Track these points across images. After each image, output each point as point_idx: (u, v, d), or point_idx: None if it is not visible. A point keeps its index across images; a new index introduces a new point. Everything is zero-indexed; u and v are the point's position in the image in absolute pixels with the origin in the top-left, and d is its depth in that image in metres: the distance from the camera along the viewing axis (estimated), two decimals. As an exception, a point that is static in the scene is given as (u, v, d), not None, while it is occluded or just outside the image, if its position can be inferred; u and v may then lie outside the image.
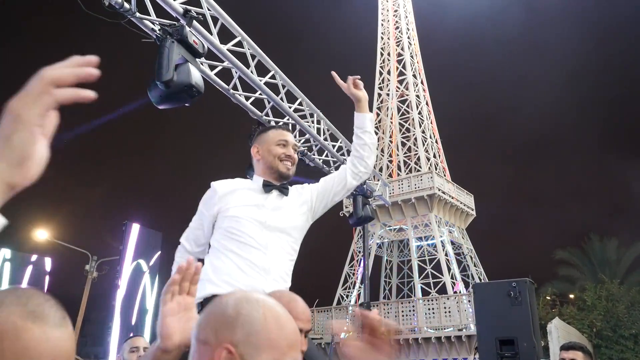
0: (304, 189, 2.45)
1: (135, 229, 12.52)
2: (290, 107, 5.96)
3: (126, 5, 3.72)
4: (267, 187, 2.31)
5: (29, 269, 11.67)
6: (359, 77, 2.56)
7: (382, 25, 33.81)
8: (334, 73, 2.55)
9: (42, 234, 19.26)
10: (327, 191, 2.44)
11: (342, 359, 1.65)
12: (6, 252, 11.45)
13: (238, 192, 2.29)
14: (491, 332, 5.90)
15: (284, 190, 2.33)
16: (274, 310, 0.98)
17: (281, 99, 5.78)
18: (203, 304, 2.09)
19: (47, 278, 12.04)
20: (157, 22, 3.89)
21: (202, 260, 2.31)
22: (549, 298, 21.70)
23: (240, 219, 2.23)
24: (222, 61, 4.96)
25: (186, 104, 3.62)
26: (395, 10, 33.58)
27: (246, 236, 2.19)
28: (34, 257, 12.04)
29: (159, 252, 13.09)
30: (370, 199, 8.36)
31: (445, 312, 21.65)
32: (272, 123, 5.92)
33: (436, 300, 22.43)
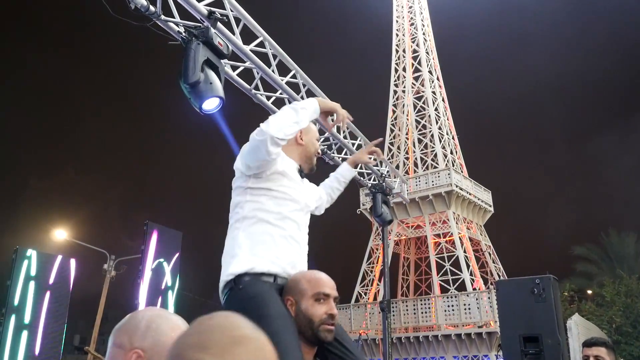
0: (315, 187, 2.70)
1: (155, 228, 12.65)
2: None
3: (152, 8, 3.77)
4: (301, 172, 2.43)
5: (55, 269, 11.88)
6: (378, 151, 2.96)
7: (396, 22, 33.67)
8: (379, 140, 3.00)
9: (61, 233, 19.58)
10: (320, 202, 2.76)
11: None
12: (33, 253, 11.65)
13: (288, 163, 2.34)
14: (515, 329, 5.87)
15: (305, 180, 2.50)
16: (178, 327, 1.22)
17: (302, 97, 5.80)
18: (237, 280, 2.06)
19: (71, 278, 12.23)
20: (182, 24, 3.93)
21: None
22: (567, 294, 21.47)
23: (288, 191, 2.27)
24: (244, 61, 4.99)
25: (213, 110, 3.67)
26: (410, 7, 33.41)
27: (290, 212, 2.24)
28: (59, 258, 12.24)
29: (179, 252, 13.24)
30: (389, 197, 8.35)
31: (465, 309, 21.54)
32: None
33: (455, 297, 22.33)
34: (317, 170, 2.56)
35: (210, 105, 3.58)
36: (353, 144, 7.28)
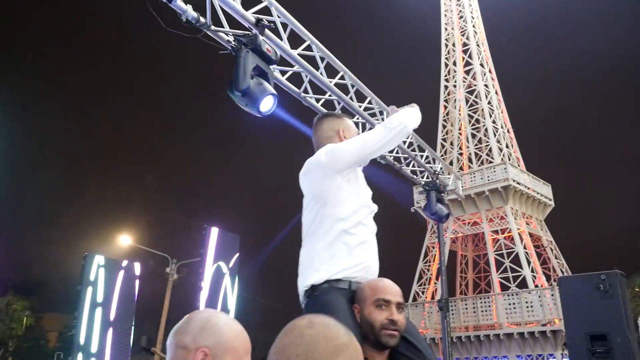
0: None
1: (214, 232, 12.98)
2: (360, 106, 5.98)
3: (202, 19, 3.89)
4: None
5: (121, 273, 12.41)
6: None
7: (445, 15, 33.09)
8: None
9: (125, 239, 20.42)
10: None
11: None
12: (100, 259, 12.22)
13: (359, 173, 2.44)
14: (581, 327, 5.66)
15: None
16: (235, 324, 1.34)
17: (350, 98, 5.82)
18: (314, 289, 2.16)
19: (137, 282, 12.75)
20: (231, 33, 4.03)
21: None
22: (638, 289, 20.43)
23: (361, 198, 2.36)
24: (292, 66, 5.06)
25: (266, 114, 3.74)
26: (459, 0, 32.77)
27: (365, 217, 2.34)
28: (124, 263, 12.78)
29: (237, 254, 13.52)
30: (443, 194, 8.22)
31: (527, 307, 20.91)
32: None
33: (517, 294, 21.72)
34: None
35: (267, 105, 3.65)
36: (404, 142, 7.22)
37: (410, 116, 2.46)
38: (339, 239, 2.21)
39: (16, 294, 34.04)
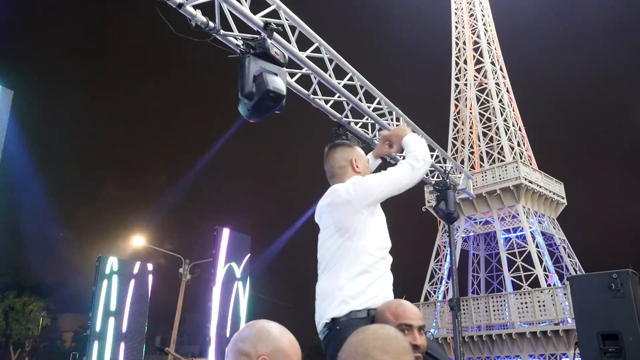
0: None
1: (225, 233, 13.08)
2: (369, 107, 6.01)
3: (211, 24, 3.94)
4: None
5: (134, 273, 12.55)
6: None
7: (455, 13, 32.94)
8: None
9: (139, 240, 20.60)
10: None
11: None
12: (114, 260, 12.37)
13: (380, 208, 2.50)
14: (592, 326, 5.64)
15: None
16: (287, 333, 1.45)
17: (359, 99, 5.85)
18: (335, 321, 2.21)
19: (149, 281, 12.88)
20: (240, 37, 4.08)
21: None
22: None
23: (382, 231, 2.42)
24: (301, 68, 5.10)
25: (276, 111, 3.80)
26: (469, -3, 32.62)
27: (386, 251, 2.41)
28: (137, 264, 12.92)
29: (249, 255, 13.62)
30: (454, 193, 8.22)
31: (540, 306, 20.76)
32: (352, 125, 6.00)
33: (529, 294, 21.58)
34: None
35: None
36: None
37: (425, 148, 2.49)
38: (363, 272, 2.26)
39: (32, 294, 34.45)
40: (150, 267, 12.87)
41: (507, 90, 30.60)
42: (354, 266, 2.26)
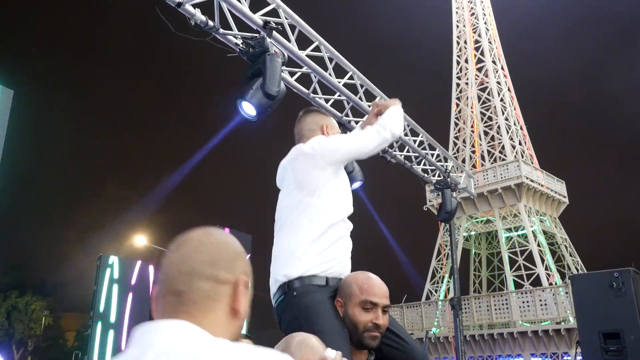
0: None
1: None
2: (369, 106, 6.00)
3: (210, 22, 3.94)
4: None
5: (135, 273, 12.56)
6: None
7: (456, 13, 32.90)
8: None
9: (141, 239, 20.60)
10: None
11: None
12: (114, 259, 12.38)
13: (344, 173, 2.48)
14: (594, 325, 5.63)
15: None
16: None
17: (360, 98, 5.84)
18: (291, 285, 2.11)
19: (151, 282, 12.89)
20: (240, 36, 4.08)
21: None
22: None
23: (347, 196, 2.39)
24: (301, 67, 5.09)
25: (269, 110, 3.81)
26: (470, -4, 32.57)
27: (346, 213, 2.36)
28: (138, 263, 12.93)
29: (249, 255, 13.62)
30: (454, 192, 8.21)
31: (541, 305, 20.74)
32: (352, 124, 6.00)
33: (530, 292, 21.55)
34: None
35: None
36: (414, 141, 7.23)
37: (399, 119, 2.48)
38: (322, 231, 2.17)
39: (35, 294, 34.52)
40: (151, 268, 12.86)
41: (509, 89, 30.57)
42: (312, 224, 2.17)
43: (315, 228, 2.17)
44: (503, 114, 29.06)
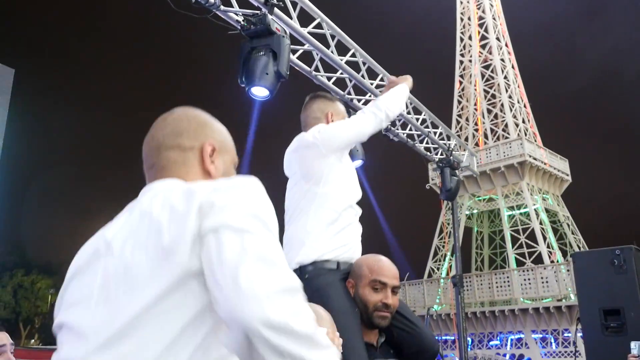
0: None
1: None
2: (372, 84, 5.95)
3: (211, 0, 3.89)
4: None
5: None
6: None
7: (460, -12, 32.45)
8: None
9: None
10: None
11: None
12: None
13: (349, 159, 2.51)
14: (594, 302, 5.66)
15: None
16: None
17: (362, 76, 5.78)
18: (304, 269, 2.17)
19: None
20: (241, 13, 4.03)
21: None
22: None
23: (353, 183, 2.41)
24: (303, 44, 5.04)
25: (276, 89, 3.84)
26: (474, -29, 32.07)
27: (353, 200, 2.39)
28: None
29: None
30: (457, 171, 8.20)
31: (543, 283, 20.88)
32: (355, 102, 5.96)
33: (532, 270, 21.69)
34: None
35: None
36: (417, 119, 7.19)
37: (398, 99, 2.55)
38: (331, 218, 2.22)
39: (40, 272, 34.87)
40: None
41: (513, 67, 30.31)
42: (320, 212, 2.23)
43: (323, 216, 2.22)
44: (507, 91, 28.85)
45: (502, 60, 29.83)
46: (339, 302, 2.04)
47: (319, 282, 2.10)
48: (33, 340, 35.80)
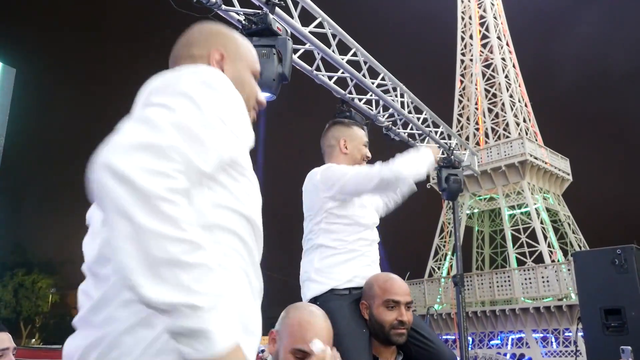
0: None
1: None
2: (373, 83, 5.96)
3: (212, -1, 3.89)
4: None
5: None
6: None
7: (461, -13, 32.42)
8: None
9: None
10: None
11: None
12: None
13: None
14: (595, 301, 5.65)
15: None
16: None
17: (363, 75, 5.79)
18: (317, 298, 2.25)
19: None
20: (242, 13, 4.04)
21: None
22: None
23: (358, 220, 2.38)
24: (304, 43, 5.04)
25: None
26: (475, -29, 32.04)
27: (362, 233, 2.38)
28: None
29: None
30: (458, 170, 8.19)
31: (544, 282, 20.87)
32: (356, 101, 5.96)
33: (533, 269, 21.68)
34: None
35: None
36: (418, 118, 7.19)
37: (414, 165, 2.32)
38: (336, 252, 2.28)
39: (41, 272, 34.89)
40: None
41: (513, 65, 30.29)
42: (327, 247, 2.29)
43: (329, 251, 2.29)
44: (507, 90, 28.84)
45: (503, 59, 29.82)
46: (344, 325, 2.09)
47: (328, 307, 2.15)
48: (34, 340, 35.84)
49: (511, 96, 28.87)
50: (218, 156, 0.89)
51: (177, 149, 0.81)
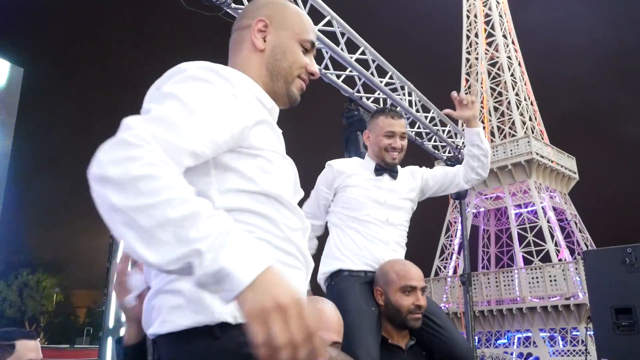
0: (414, 176, 2.59)
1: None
2: (381, 82, 5.94)
3: (222, -3, 3.88)
4: (378, 171, 2.46)
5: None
6: (457, 96, 2.69)
7: (466, -15, 32.32)
8: (453, 93, 2.69)
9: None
10: (438, 185, 2.64)
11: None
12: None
13: (356, 172, 2.47)
14: (605, 300, 5.62)
15: (393, 175, 2.48)
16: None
17: (371, 74, 5.78)
18: (332, 277, 2.35)
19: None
20: (251, 11, 4.02)
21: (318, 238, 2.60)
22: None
23: (360, 198, 2.41)
24: (313, 42, 5.02)
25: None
26: (480, -31, 31.92)
27: (367, 215, 2.39)
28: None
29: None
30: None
31: (551, 281, 20.79)
32: (364, 100, 5.94)
33: (540, 268, 21.59)
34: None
35: None
36: (426, 117, 7.17)
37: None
38: (349, 235, 2.37)
39: (45, 271, 35.02)
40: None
41: (519, 64, 30.18)
42: (341, 229, 2.41)
43: (344, 233, 2.39)
44: (513, 89, 28.74)
45: (509, 57, 29.72)
46: (352, 302, 2.17)
47: (341, 286, 2.27)
48: (39, 339, 35.93)
49: (517, 95, 28.77)
50: (207, 137, 0.91)
51: (153, 136, 0.85)
